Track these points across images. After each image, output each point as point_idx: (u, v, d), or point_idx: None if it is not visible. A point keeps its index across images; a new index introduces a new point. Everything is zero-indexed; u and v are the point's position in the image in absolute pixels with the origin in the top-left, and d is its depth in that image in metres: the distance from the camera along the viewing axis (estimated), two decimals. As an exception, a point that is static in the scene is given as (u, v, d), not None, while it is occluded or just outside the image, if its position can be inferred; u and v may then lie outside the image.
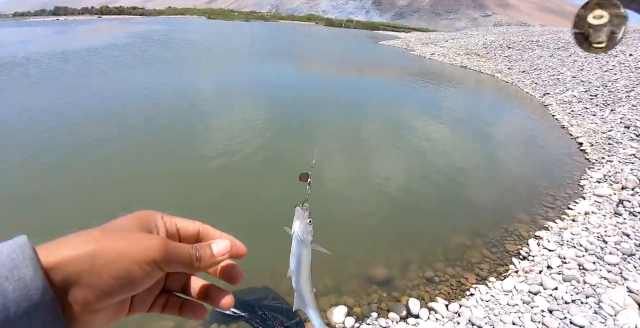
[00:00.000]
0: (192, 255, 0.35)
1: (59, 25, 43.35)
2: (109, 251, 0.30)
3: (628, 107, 7.42)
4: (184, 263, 0.35)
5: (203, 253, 0.36)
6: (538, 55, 15.88)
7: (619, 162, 5.17)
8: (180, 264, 0.35)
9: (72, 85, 8.63)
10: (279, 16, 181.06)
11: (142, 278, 0.32)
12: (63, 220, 3.38)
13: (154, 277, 0.33)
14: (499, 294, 2.74)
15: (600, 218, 3.70)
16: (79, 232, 0.31)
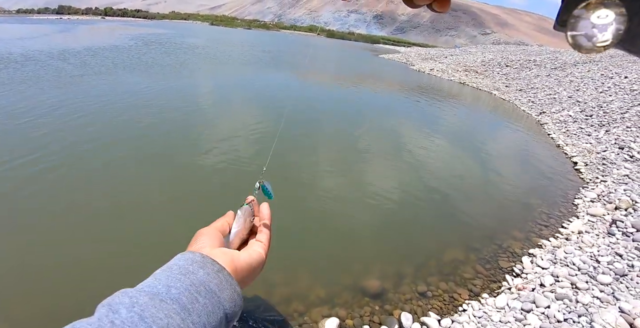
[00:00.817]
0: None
1: (62, 24, 43.45)
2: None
3: (622, 129, 7.53)
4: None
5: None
6: (535, 75, 16.13)
7: (613, 182, 5.22)
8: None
9: (65, 85, 8.54)
10: (281, 26, 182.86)
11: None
12: (46, 222, 3.34)
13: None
14: (491, 311, 2.72)
15: (594, 238, 3.71)
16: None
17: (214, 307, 0.43)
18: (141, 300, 0.39)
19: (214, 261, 0.48)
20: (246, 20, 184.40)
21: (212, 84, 11.30)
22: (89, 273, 2.76)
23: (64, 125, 5.75)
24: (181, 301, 0.41)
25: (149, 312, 0.38)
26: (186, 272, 0.45)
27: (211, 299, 0.44)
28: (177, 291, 0.42)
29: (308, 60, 24.07)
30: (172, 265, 0.46)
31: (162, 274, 0.45)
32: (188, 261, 0.47)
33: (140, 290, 0.41)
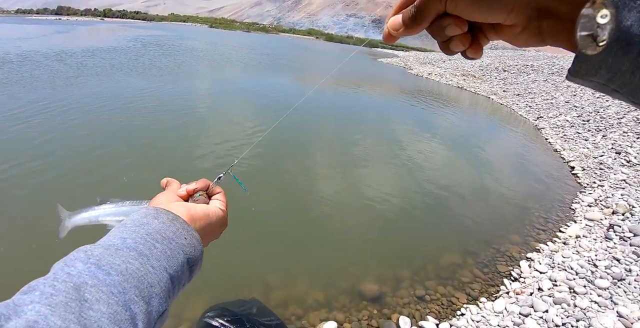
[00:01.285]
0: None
1: (61, 25, 43.42)
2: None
3: (619, 134, 7.57)
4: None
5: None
6: (533, 80, 16.22)
7: (610, 187, 5.24)
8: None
9: (60, 86, 8.41)
10: (280, 29, 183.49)
11: None
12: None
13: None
14: (489, 315, 2.71)
15: (591, 242, 3.72)
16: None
17: (173, 252, 0.44)
18: (96, 252, 0.40)
19: (167, 211, 0.49)
20: (245, 23, 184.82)
21: (209, 88, 11.30)
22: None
23: (52, 127, 5.65)
24: (138, 248, 0.42)
25: (106, 261, 0.39)
26: (140, 223, 0.46)
27: (169, 245, 0.44)
28: (133, 241, 0.43)
29: (309, 65, 24.13)
30: (126, 221, 0.47)
31: (115, 230, 0.46)
32: (141, 215, 0.48)
33: (95, 245, 0.42)
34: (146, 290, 0.39)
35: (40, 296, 0.33)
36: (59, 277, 0.36)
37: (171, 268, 0.43)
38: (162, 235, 0.45)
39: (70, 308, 0.32)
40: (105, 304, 0.35)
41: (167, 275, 0.43)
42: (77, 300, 0.33)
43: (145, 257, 0.42)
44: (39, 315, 0.31)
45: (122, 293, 0.37)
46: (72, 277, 0.36)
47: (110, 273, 0.38)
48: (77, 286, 0.35)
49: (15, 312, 0.31)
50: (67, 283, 0.35)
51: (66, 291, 0.34)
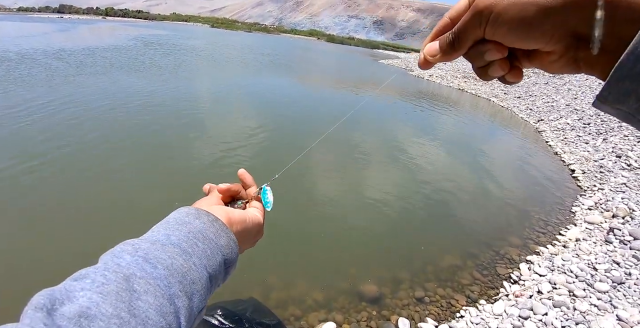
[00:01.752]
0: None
1: (62, 23, 43.48)
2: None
3: (620, 137, 7.57)
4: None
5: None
6: (533, 82, 16.23)
7: (610, 190, 5.24)
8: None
9: (57, 84, 8.34)
10: (281, 29, 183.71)
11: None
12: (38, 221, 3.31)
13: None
14: (489, 317, 2.71)
15: (591, 246, 3.71)
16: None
17: (212, 252, 0.46)
18: (143, 246, 0.41)
19: (208, 212, 0.50)
20: (247, 23, 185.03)
21: (210, 89, 11.30)
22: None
23: (43, 127, 5.61)
24: (182, 246, 0.43)
25: (153, 255, 0.40)
26: (182, 222, 0.47)
27: (209, 244, 0.46)
28: (177, 238, 0.44)
29: (311, 67, 24.16)
30: (169, 219, 0.49)
31: (159, 227, 0.47)
32: (182, 214, 0.49)
33: (141, 239, 0.44)
34: (189, 286, 0.41)
35: (91, 284, 0.34)
36: (109, 267, 0.37)
37: (210, 268, 0.45)
38: (203, 235, 0.46)
39: (121, 297, 0.34)
40: (152, 296, 0.36)
41: (206, 273, 0.44)
42: (127, 290, 0.35)
43: (188, 255, 0.43)
44: (91, 302, 0.32)
45: (167, 287, 0.38)
46: (122, 268, 0.37)
47: (157, 267, 0.39)
48: (126, 277, 0.36)
49: (68, 297, 0.32)
50: (118, 273, 0.36)
51: (117, 281, 0.35)
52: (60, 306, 0.31)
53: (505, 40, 0.32)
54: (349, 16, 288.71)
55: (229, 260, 0.49)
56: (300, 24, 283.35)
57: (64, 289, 0.33)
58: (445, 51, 0.36)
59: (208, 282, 0.44)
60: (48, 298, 0.31)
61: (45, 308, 0.30)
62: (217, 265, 0.46)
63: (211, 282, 0.45)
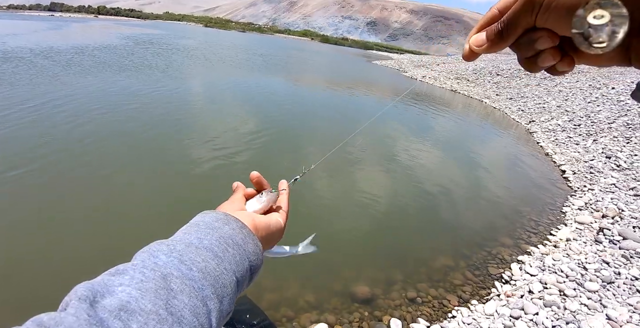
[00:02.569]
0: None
1: (53, 21, 42.95)
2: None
3: (610, 138, 7.66)
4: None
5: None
6: (525, 84, 16.38)
7: (600, 191, 5.30)
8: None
9: (42, 84, 8.06)
10: (275, 29, 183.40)
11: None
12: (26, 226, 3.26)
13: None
14: (480, 317, 2.72)
15: (581, 245, 3.75)
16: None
17: (240, 258, 0.47)
18: (178, 247, 0.43)
19: (236, 218, 0.51)
20: (240, 23, 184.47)
21: (202, 90, 11.23)
22: (77, 271, 2.68)
23: (20, 128, 5.58)
24: (214, 250, 0.45)
25: (187, 257, 0.42)
26: (213, 227, 0.48)
27: (238, 250, 0.47)
28: (209, 242, 0.46)
29: (305, 67, 24.11)
30: (198, 222, 0.50)
31: (190, 229, 0.48)
32: (212, 218, 0.50)
33: (175, 240, 0.45)
34: (220, 290, 0.42)
35: (130, 280, 0.35)
36: (147, 265, 0.38)
37: (238, 273, 0.46)
38: (233, 241, 0.48)
39: (159, 295, 0.35)
40: (187, 296, 0.37)
41: (235, 278, 0.45)
42: (164, 289, 0.36)
43: (220, 259, 0.44)
44: (130, 297, 0.33)
45: (201, 289, 0.39)
46: (160, 267, 0.38)
47: (192, 268, 0.41)
48: (164, 275, 0.38)
49: (108, 291, 0.33)
50: (156, 271, 0.38)
51: (155, 279, 0.36)
52: (101, 298, 0.32)
53: (558, 28, 0.32)
54: (343, 17, 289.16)
55: (254, 266, 0.50)
56: (294, 25, 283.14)
57: (102, 283, 0.34)
58: (493, 41, 0.35)
59: (236, 287, 0.45)
60: (90, 290, 0.32)
61: (88, 300, 0.31)
62: (244, 270, 0.48)
63: (238, 286, 0.47)
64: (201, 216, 0.52)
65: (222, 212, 0.52)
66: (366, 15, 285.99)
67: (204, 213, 0.52)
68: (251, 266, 0.49)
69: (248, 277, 0.50)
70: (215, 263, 0.43)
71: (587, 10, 0.29)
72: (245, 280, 0.49)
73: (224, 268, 0.44)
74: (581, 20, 0.29)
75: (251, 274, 0.51)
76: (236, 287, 0.46)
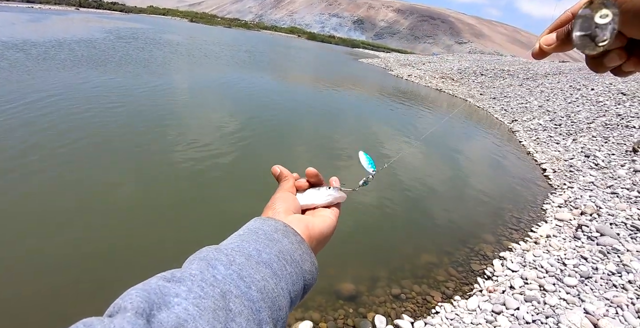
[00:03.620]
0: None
1: (33, 13, 41.54)
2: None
3: (589, 138, 7.87)
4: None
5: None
6: (508, 84, 16.68)
7: (579, 188, 5.43)
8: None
9: (14, 81, 7.64)
10: (261, 26, 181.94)
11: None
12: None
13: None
14: (463, 313, 2.75)
15: (561, 242, 3.84)
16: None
17: (297, 277, 0.44)
18: (238, 260, 0.39)
19: (295, 232, 0.48)
20: (226, 19, 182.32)
21: (187, 87, 11.06)
22: (73, 272, 2.61)
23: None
24: (272, 266, 0.41)
25: (247, 272, 0.38)
26: (272, 239, 0.45)
27: (295, 268, 0.44)
28: (268, 256, 0.42)
29: (291, 65, 23.98)
30: (257, 230, 0.46)
31: (248, 237, 0.45)
32: (272, 228, 0.47)
33: (235, 249, 0.41)
34: (276, 313, 0.38)
35: (187, 293, 0.32)
36: (206, 279, 0.35)
37: (293, 293, 0.43)
38: (292, 257, 0.44)
39: (218, 316, 0.32)
40: (245, 319, 0.34)
41: (289, 299, 0.42)
42: (223, 309, 0.33)
43: (278, 278, 0.41)
44: (188, 314, 0.30)
45: (258, 312, 0.36)
46: (219, 282, 0.35)
47: (251, 287, 0.37)
48: (223, 293, 0.35)
49: (165, 302, 0.30)
50: (215, 288, 0.35)
51: (214, 297, 0.34)
52: (157, 312, 0.29)
53: (626, 30, 0.32)
54: (330, 14, 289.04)
55: (308, 286, 0.47)
56: (281, 21, 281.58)
57: (159, 291, 0.31)
58: (563, 40, 0.37)
59: (289, 308, 0.42)
60: (146, 301, 0.29)
61: (145, 314, 0.28)
62: (299, 290, 0.44)
63: (291, 307, 0.43)
64: (260, 223, 0.48)
65: (281, 222, 0.48)
66: (353, 13, 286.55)
67: (262, 220, 0.49)
68: (305, 285, 0.46)
69: (300, 296, 0.46)
70: (274, 282, 0.40)
71: (594, 10, 0.30)
72: (297, 300, 0.45)
73: (281, 289, 0.40)
74: (589, 21, 0.30)
75: (303, 293, 0.47)
76: (290, 308, 0.42)
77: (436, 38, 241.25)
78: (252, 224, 0.48)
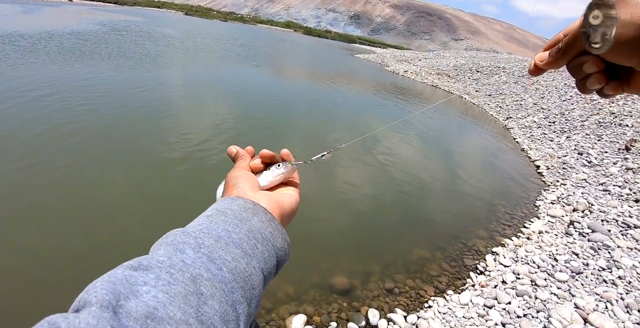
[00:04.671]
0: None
1: (25, 5, 40.83)
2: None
3: (582, 136, 7.93)
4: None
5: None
6: (504, 81, 16.74)
7: (572, 185, 5.48)
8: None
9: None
10: (258, 20, 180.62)
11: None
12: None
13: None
14: (455, 307, 2.78)
15: (553, 238, 3.88)
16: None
17: (269, 254, 0.44)
18: (207, 242, 0.39)
19: (265, 210, 0.48)
20: (222, 13, 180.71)
21: (181, 81, 10.97)
22: (53, 270, 2.59)
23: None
24: (243, 246, 0.41)
25: (217, 254, 0.38)
26: (241, 218, 0.44)
27: (267, 246, 0.44)
28: (238, 237, 0.42)
29: (288, 60, 23.85)
30: (225, 210, 0.45)
31: (217, 218, 0.44)
32: (240, 207, 0.46)
33: (203, 231, 0.41)
34: (249, 292, 0.38)
35: (156, 280, 0.31)
36: (175, 264, 0.34)
37: (266, 271, 0.43)
38: (262, 236, 0.44)
39: (189, 301, 0.31)
40: (217, 301, 0.34)
41: (262, 277, 0.42)
42: (194, 294, 0.32)
43: (249, 257, 0.41)
44: (157, 302, 0.29)
45: (231, 293, 0.36)
46: (188, 266, 0.34)
47: (222, 269, 0.37)
48: (193, 277, 0.34)
49: (132, 291, 0.29)
50: (185, 273, 0.34)
51: (184, 282, 0.33)
52: (125, 302, 0.28)
53: (605, 55, 0.35)
54: (327, 9, 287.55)
55: (281, 262, 0.47)
56: (277, 15, 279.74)
57: (125, 281, 0.30)
58: (554, 58, 0.40)
59: (263, 287, 0.42)
60: (112, 292, 0.28)
61: (111, 307, 0.27)
62: (272, 267, 0.44)
63: (265, 285, 0.43)
64: (228, 202, 0.47)
65: (250, 201, 0.48)
66: (349, 8, 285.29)
67: (230, 200, 0.47)
68: (278, 262, 0.46)
69: (274, 273, 0.46)
70: (245, 262, 0.39)
71: (589, 9, 0.30)
72: (271, 277, 0.45)
73: (253, 268, 0.40)
74: (586, 19, 0.31)
75: (276, 270, 0.47)
76: (263, 286, 0.43)
77: (433, 34, 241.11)
78: (220, 204, 0.47)
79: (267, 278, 0.43)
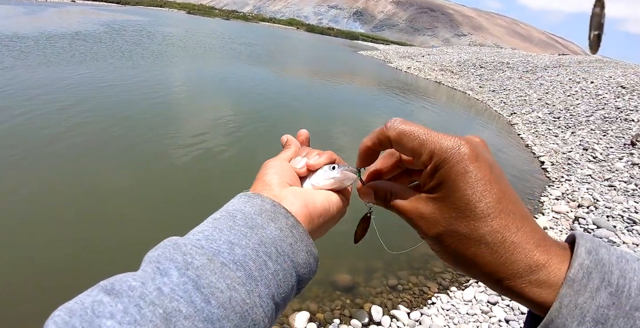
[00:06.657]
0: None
1: (29, 6, 40.96)
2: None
3: (587, 131, 7.87)
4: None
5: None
6: (508, 77, 16.62)
7: (577, 181, 5.44)
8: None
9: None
10: (260, 17, 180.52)
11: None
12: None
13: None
14: (459, 303, 2.77)
15: (557, 234, 3.85)
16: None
17: (285, 274, 0.34)
18: (197, 261, 0.30)
19: (287, 212, 0.37)
20: (225, 11, 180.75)
21: (184, 80, 10.99)
22: (48, 274, 2.61)
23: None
24: (247, 266, 0.31)
25: (207, 280, 0.29)
26: (253, 225, 0.35)
27: (282, 264, 0.34)
28: (243, 251, 0.32)
29: (291, 58, 23.81)
30: (235, 212, 0.36)
31: (224, 223, 0.35)
32: (256, 209, 0.36)
33: (197, 245, 0.31)
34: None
35: (123, 315, 0.25)
36: (146, 294, 0.26)
37: (279, 296, 0.33)
38: (277, 250, 0.34)
39: None
40: None
41: (273, 306, 0.32)
42: None
43: (254, 282, 0.31)
44: None
45: None
46: (163, 299, 0.26)
47: (210, 301, 0.28)
48: (167, 315, 0.26)
49: (91, 326, 0.24)
50: (157, 308, 0.26)
51: (153, 322, 0.25)
52: None
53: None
54: (329, 6, 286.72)
55: (303, 281, 0.37)
56: (280, 13, 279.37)
57: (90, 311, 0.24)
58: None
59: (273, 317, 0.33)
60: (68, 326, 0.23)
61: None
62: (289, 290, 0.34)
63: (277, 312, 0.34)
64: (242, 202, 0.38)
65: (269, 200, 0.38)
66: (352, 5, 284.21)
67: (246, 198, 0.38)
68: (299, 281, 0.36)
69: (293, 294, 0.37)
70: (245, 290, 0.30)
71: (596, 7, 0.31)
72: (288, 302, 0.36)
73: (258, 296, 0.31)
74: (600, 19, 0.31)
75: (299, 289, 0.38)
76: (274, 316, 0.33)
77: (435, 31, 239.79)
78: (234, 203, 0.38)
79: (279, 305, 0.34)
